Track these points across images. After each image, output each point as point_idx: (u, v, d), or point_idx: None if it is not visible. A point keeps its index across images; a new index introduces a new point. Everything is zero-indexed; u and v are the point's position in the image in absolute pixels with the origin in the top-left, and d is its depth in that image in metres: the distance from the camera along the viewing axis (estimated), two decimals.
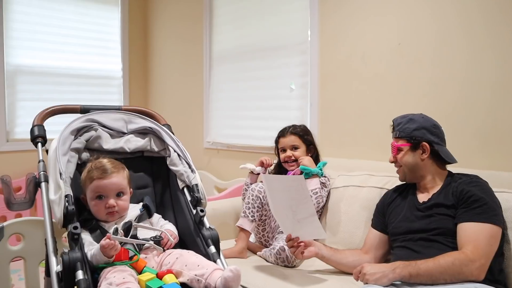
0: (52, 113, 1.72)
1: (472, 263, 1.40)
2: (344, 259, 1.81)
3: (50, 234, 1.36)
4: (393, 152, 1.76)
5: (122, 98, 4.22)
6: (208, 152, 3.67)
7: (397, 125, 1.75)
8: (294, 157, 2.25)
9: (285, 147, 2.28)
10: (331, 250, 1.83)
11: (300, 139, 2.28)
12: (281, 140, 2.31)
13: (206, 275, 1.31)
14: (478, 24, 2.07)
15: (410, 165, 1.72)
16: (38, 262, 1.91)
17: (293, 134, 2.28)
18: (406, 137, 1.71)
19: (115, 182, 1.50)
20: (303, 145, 2.28)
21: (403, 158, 1.73)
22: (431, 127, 1.70)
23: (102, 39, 4.09)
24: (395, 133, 1.76)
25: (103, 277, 1.30)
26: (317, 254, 1.78)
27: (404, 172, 1.76)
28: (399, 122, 1.75)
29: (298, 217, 1.70)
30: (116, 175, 1.51)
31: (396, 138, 1.76)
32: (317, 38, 2.77)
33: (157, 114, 1.89)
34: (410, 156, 1.71)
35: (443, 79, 2.20)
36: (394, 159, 1.77)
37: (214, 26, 3.60)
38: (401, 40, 2.36)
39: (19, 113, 3.60)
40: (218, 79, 3.58)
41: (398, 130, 1.74)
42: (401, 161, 1.74)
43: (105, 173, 1.49)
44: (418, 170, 1.72)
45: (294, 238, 1.73)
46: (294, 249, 1.74)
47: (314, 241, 1.80)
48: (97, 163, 1.52)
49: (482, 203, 1.51)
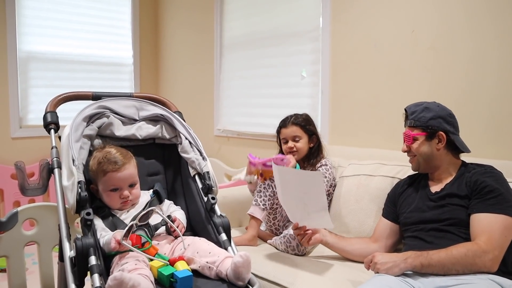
0: (65, 100, 1.72)
1: (486, 254, 1.38)
2: (349, 246, 1.82)
3: (63, 220, 1.38)
4: (407, 141, 1.72)
5: (133, 85, 4.23)
6: (219, 139, 3.68)
7: (412, 114, 1.70)
8: (296, 148, 2.23)
9: (287, 138, 2.25)
10: (336, 237, 1.84)
11: (302, 129, 2.24)
12: (282, 130, 2.28)
13: (217, 262, 1.32)
14: (484, 13, 2.03)
15: (425, 155, 1.68)
16: (52, 247, 1.93)
17: (295, 125, 2.24)
18: (421, 126, 1.66)
19: (128, 174, 1.52)
20: (305, 136, 2.25)
21: (418, 148, 1.68)
22: (447, 116, 1.67)
23: (114, 26, 4.09)
24: (409, 121, 1.70)
25: (115, 263, 1.32)
26: (322, 241, 1.81)
27: (418, 162, 1.72)
28: (414, 110, 1.70)
29: (309, 209, 1.70)
30: (128, 166, 1.52)
31: (410, 127, 1.70)
32: (329, 25, 2.73)
33: (169, 101, 1.89)
34: (425, 145, 1.67)
35: (455, 68, 2.17)
36: (407, 148, 1.73)
37: (225, 13, 3.57)
38: (414, 28, 2.32)
39: (32, 100, 3.63)
40: (228, 66, 3.57)
41: (413, 118, 1.69)
42: (416, 151, 1.70)
43: (117, 165, 1.49)
44: (433, 160, 1.68)
45: (301, 227, 1.76)
46: (301, 236, 1.78)
47: (319, 228, 1.81)
48: (107, 154, 1.51)
49: (496, 194, 1.49)
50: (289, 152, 2.25)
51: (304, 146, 2.24)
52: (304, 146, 2.24)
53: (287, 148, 2.26)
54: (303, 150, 2.24)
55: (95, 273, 1.21)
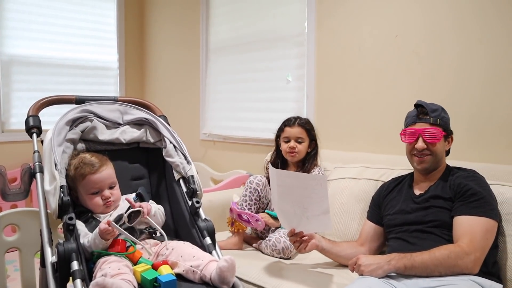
0: (47, 104, 1.71)
1: (467, 256, 1.41)
2: (342, 251, 1.81)
3: (45, 225, 1.36)
4: (432, 139, 1.63)
5: (118, 89, 4.20)
6: (205, 143, 3.67)
7: (433, 111, 1.65)
8: (297, 149, 2.19)
9: (290, 138, 2.21)
10: (330, 242, 1.82)
11: (306, 132, 2.23)
12: (287, 129, 2.23)
13: (201, 266, 1.31)
14: (470, 18, 2.07)
15: (440, 155, 1.67)
16: (33, 253, 1.90)
17: (301, 126, 2.22)
18: (444, 126, 1.65)
19: (107, 175, 1.52)
20: (307, 139, 2.23)
21: (438, 147, 1.65)
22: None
23: (99, 29, 4.05)
24: (433, 119, 1.63)
25: (98, 268, 1.30)
26: (318, 247, 1.76)
27: (432, 161, 1.66)
28: (435, 108, 1.65)
29: (309, 214, 1.63)
30: (105, 167, 1.52)
31: (433, 124, 1.64)
32: (314, 30, 2.76)
33: (153, 105, 1.88)
34: (442, 146, 1.67)
35: (438, 72, 2.20)
36: (425, 146, 1.64)
37: (211, 17, 3.58)
38: (398, 32, 2.35)
39: (15, 104, 3.57)
40: (214, 70, 3.57)
41: (437, 116, 1.64)
42: (435, 150, 1.65)
43: (94, 167, 1.49)
44: (441, 161, 1.69)
45: (298, 233, 1.69)
46: (297, 243, 1.70)
47: (314, 234, 1.77)
48: (83, 159, 1.51)
49: (479, 197, 1.52)
50: (289, 152, 2.21)
51: (304, 149, 2.22)
52: (304, 150, 2.22)
53: (288, 148, 2.20)
54: (302, 153, 2.22)
55: (77, 279, 1.20)
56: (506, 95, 1.98)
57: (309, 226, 1.69)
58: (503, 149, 1.99)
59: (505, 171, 1.80)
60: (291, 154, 2.20)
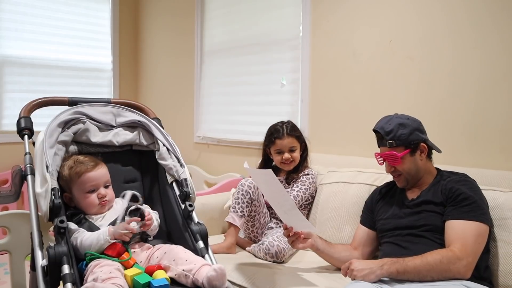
0: (40, 105, 1.69)
1: (460, 261, 1.41)
2: (336, 253, 1.81)
3: (36, 228, 1.35)
4: (392, 162, 1.67)
5: (112, 91, 4.18)
6: (198, 146, 3.66)
7: (388, 134, 1.65)
8: (292, 158, 2.24)
9: (283, 149, 2.24)
10: (325, 243, 1.83)
11: (297, 140, 2.27)
12: (277, 142, 2.23)
13: (194, 270, 1.30)
14: (464, 23, 2.08)
15: (412, 171, 1.68)
16: (24, 256, 1.88)
17: (290, 136, 2.24)
18: (404, 144, 1.64)
19: (103, 173, 1.52)
20: (298, 145, 2.28)
21: (405, 166, 1.66)
22: (420, 126, 1.69)
23: (93, 31, 4.03)
24: (389, 142, 1.65)
25: (89, 271, 1.28)
26: (313, 246, 1.78)
27: (406, 179, 1.70)
28: (389, 130, 1.65)
29: (284, 208, 1.70)
30: (100, 166, 1.52)
31: (392, 147, 1.66)
32: (309, 34, 2.76)
33: (147, 107, 1.87)
34: (411, 161, 1.66)
35: (433, 77, 2.21)
36: (392, 168, 1.70)
37: (206, 20, 3.57)
38: (392, 37, 2.36)
39: (7, 105, 3.54)
40: (209, 73, 3.56)
41: (393, 138, 1.64)
42: (403, 170, 1.67)
43: (90, 165, 1.49)
44: (419, 172, 1.69)
45: (289, 228, 1.73)
46: (291, 238, 1.74)
47: (312, 233, 1.79)
48: (77, 159, 1.51)
49: (470, 202, 1.53)
50: (283, 163, 2.24)
51: (298, 155, 2.27)
52: (298, 155, 2.27)
53: (281, 159, 2.24)
54: (297, 159, 2.27)
55: (68, 282, 1.18)
56: (500, 101, 1.99)
57: (294, 224, 1.73)
58: (497, 154, 2.00)
59: (498, 176, 1.81)
60: (288, 165, 2.23)
